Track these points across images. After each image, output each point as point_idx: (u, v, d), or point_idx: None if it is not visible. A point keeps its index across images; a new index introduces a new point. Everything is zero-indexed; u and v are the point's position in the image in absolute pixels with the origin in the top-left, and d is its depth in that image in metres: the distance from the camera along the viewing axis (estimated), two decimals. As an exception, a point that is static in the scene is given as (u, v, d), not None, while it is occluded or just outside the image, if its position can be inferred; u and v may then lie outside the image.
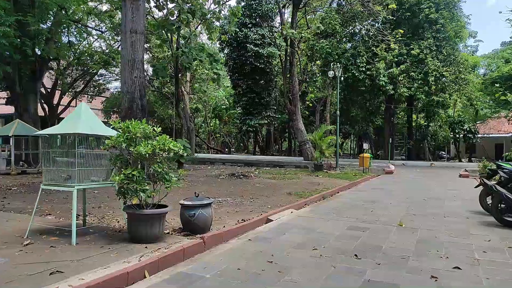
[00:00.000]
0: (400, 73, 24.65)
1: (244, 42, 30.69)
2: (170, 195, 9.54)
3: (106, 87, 41.20)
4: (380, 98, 30.40)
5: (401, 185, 13.44)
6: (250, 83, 31.63)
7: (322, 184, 12.94)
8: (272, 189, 11.45)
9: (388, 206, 8.66)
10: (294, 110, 22.39)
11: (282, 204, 8.59)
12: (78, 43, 29.12)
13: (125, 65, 12.63)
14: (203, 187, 11.62)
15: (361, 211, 7.92)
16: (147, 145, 4.66)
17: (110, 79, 41.71)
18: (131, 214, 4.79)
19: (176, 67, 20.14)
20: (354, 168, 19.81)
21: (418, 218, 7.21)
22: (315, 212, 7.72)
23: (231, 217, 6.98)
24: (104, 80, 40.09)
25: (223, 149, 44.64)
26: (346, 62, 25.31)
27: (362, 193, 11.19)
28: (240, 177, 14.77)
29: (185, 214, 5.53)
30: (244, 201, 8.94)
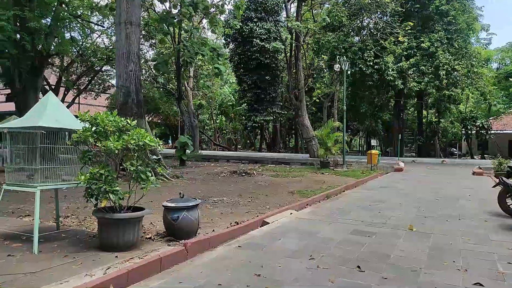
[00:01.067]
0: (409, 67, 23.77)
1: (249, 37, 30.01)
2: (164, 194, 8.99)
3: (111, 83, 40.96)
4: (389, 94, 29.52)
5: (411, 183, 12.72)
6: (256, 79, 30.95)
7: (327, 182, 12.28)
8: (273, 187, 10.84)
9: (397, 206, 7.98)
10: (299, 105, 21.70)
11: (282, 204, 7.98)
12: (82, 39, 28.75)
13: (120, 58, 12.07)
14: (201, 185, 11.06)
15: (367, 212, 7.26)
16: (116, 140, 4.06)
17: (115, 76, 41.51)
18: (100, 219, 4.22)
19: (178, 61, 19.57)
20: (362, 166, 19.09)
21: (430, 221, 6.54)
22: (317, 214, 7.08)
23: (224, 219, 6.39)
24: (108, 76, 39.85)
25: (229, 146, 44.09)
26: (353, 56, 24.50)
27: (369, 192, 10.51)
28: (242, 175, 14.19)
29: (168, 218, 4.95)
30: (241, 200, 8.34)
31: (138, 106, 12.16)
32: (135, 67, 12.11)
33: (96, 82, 38.30)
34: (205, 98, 37.38)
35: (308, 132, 21.34)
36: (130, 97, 11.99)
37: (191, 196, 8.91)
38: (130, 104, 11.97)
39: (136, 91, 12.10)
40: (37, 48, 20.08)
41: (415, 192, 10.48)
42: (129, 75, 11.99)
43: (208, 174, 14.58)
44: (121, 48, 12.05)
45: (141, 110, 12.27)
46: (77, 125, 4.53)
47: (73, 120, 4.66)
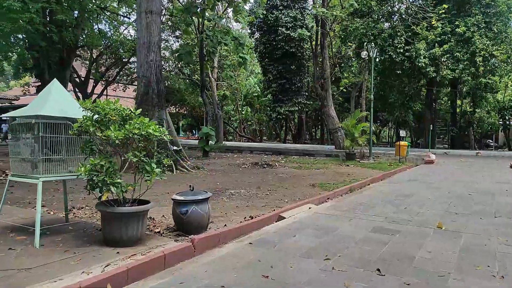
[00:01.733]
0: (443, 54, 22.52)
1: (274, 25, 29.39)
2: (183, 186, 8.83)
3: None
4: (420, 82, 28.23)
5: (442, 177, 12.02)
6: (281, 69, 30.36)
7: (352, 174, 11.80)
8: (294, 179, 10.49)
9: (426, 202, 7.45)
10: (325, 95, 21.09)
11: (302, 197, 7.63)
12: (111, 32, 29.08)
13: (141, 47, 11.98)
14: (221, 176, 10.86)
15: (392, 207, 6.80)
16: (117, 129, 3.83)
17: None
18: (102, 213, 4.03)
19: (201, 51, 19.37)
20: (390, 158, 18.35)
21: (461, 218, 6.01)
22: (338, 208, 6.69)
23: (239, 212, 6.12)
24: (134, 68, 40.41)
25: (254, 137, 43.86)
26: (382, 43, 23.49)
27: (396, 185, 9.96)
28: (263, 166, 13.90)
29: (177, 211, 4.73)
30: (259, 193, 8.05)
31: (159, 96, 12.05)
32: (156, 57, 11.99)
33: (124, 73, 39.00)
34: (230, 89, 37.17)
35: (333, 122, 20.74)
36: (151, 87, 11.90)
37: (209, 188, 8.75)
38: (151, 95, 11.88)
39: (157, 81, 11.99)
40: (65, 41, 20.44)
41: (446, 186, 9.84)
42: (149, 65, 11.88)
43: (229, 165, 14.39)
44: (141, 37, 11.95)
45: (161, 101, 12.16)
46: (81, 114, 4.35)
47: (79, 109, 4.48)
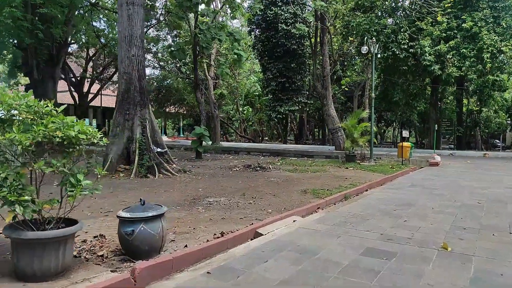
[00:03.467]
0: (448, 50, 21.48)
1: (273, 22, 28.45)
2: (159, 192, 7.99)
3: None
4: (425, 80, 27.18)
5: (447, 181, 11.07)
6: (281, 67, 29.39)
7: (350, 178, 10.91)
8: (286, 185, 9.61)
9: (428, 212, 6.54)
10: (325, 94, 20.16)
11: (289, 207, 6.76)
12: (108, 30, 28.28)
13: (122, 42, 11.15)
14: (205, 181, 10.01)
15: (390, 220, 5.90)
16: (24, 129, 2.97)
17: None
18: (11, 238, 3.17)
19: (194, 47, 18.55)
20: (392, 159, 17.40)
21: (471, 235, 5.10)
22: (326, 221, 5.80)
23: (210, 227, 5.27)
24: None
25: (254, 138, 42.95)
26: (385, 40, 22.48)
27: (397, 191, 9.04)
28: (256, 169, 13.02)
29: (121, 232, 3.86)
30: (242, 202, 7.19)
31: (142, 94, 11.22)
32: (138, 51, 11.16)
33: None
34: (229, 87, 36.27)
35: (333, 122, 19.81)
36: (133, 84, 11.07)
37: (187, 195, 7.88)
38: (132, 92, 11.05)
39: (139, 78, 11.16)
40: (54, 37, 19.69)
41: (451, 192, 8.91)
42: (131, 60, 11.06)
43: (220, 168, 13.53)
44: (122, 30, 11.13)
45: (145, 99, 11.33)
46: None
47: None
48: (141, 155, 10.74)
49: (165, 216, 4.16)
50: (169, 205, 6.84)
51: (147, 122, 11.14)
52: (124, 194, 7.90)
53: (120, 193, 7.97)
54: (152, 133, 11.62)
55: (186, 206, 6.78)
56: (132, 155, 10.87)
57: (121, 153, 10.95)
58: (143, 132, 11.06)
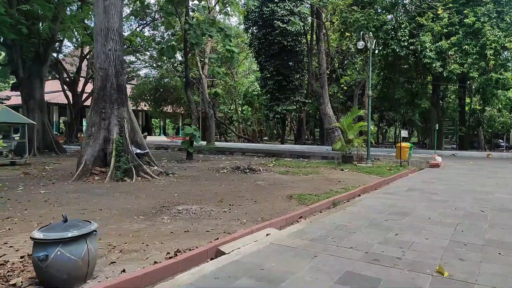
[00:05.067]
0: (450, 47, 20.64)
1: (270, 19, 27.67)
2: (130, 200, 7.22)
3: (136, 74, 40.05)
4: (426, 78, 26.33)
5: (448, 185, 10.26)
6: (277, 64, 28.59)
7: (343, 182, 10.13)
8: (272, 189, 8.85)
9: (425, 224, 5.74)
10: (321, 92, 19.38)
11: (268, 216, 6.01)
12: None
13: (98, 35, 10.41)
14: (185, 185, 9.25)
15: (379, 234, 5.11)
16: None
17: (140, 66, 40.62)
18: None
19: (185, 44, 17.79)
20: (391, 160, 16.60)
21: (472, 254, 4.31)
22: (305, 235, 5.01)
23: (168, 243, 4.52)
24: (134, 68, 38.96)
25: (253, 138, 42.18)
26: (385, 36, 21.66)
27: (392, 197, 8.25)
28: (245, 172, 12.24)
29: (34, 256, 3.10)
30: (215, 210, 6.42)
31: (119, 91, 10.47)
32: (115, 45, 10.41)
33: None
34: (226, 86, 35.53)
35: (330, 121, 19.03)
36: (109, 81, 10.33)
37: (158, 202, 7.03)
38: (109, 90, 10.31)
39: (116, 74, 10.42)
40: (40, 34, 18.98)
41: (452, 198, 8.10)
42: (107, 55, 10.32)
43: (208, 170, 12.77)
44: (98, 23, 10.40)
45: (122, 97, 10.57)
46: None
47: None
48: (118, 157, 9.99)
49: (95, 235, 3.39)
50: (133, 214, 6.11)
51: (125, 121, 10.40)
52: (89, 201, 7.15)
53: (85, 200, 7.22)
54: (131, 134, 10.89)
55: (150, 215, 6.02)
56: (109, 157, 10.12)
57: (97, 154, 10.20)
58: (120, 132, 10.31)
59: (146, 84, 37.11)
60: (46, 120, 20.29)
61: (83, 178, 9.71)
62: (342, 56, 32.93)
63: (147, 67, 41.17)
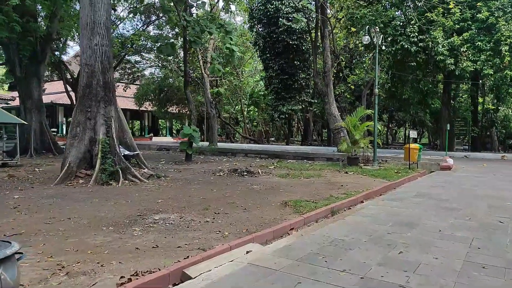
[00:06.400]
0: (462, 43, 19.69)
1: (275, 17, 26.94)
2: (104, 207, 6.57)
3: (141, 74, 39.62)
4: (437, 77, 25.31)
5: (460, 190, 9.42)
6: (282, 63, 27.84)
7: (346, 186, 9.37)
8: (267, 194, 8.14)
9: (434, 238, 4.97)
10: (326, 91, 18.58)
11: (253, 227, 5.32)
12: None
13: (83, 29, 9.80)
14: (174, 190, 8.57)
15: (379, 251, 4.35)
16: None
17: (146, 66, 40.17)
18: None
19: (185, 41, 17.16)
20: (399, 162, 15.72)
21: (492, 280, 3.53)
22: (292, 253, 4.28)
23: (128, 263, 3.83)
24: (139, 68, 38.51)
25: (259, 139, 41.42)
26: (393, 33, 20.77)
27: (398, 204, 7.46)
28: (242, 175, 11.53)
29: None
30: (197, 220, 5.73)
31: (106, 89, 9.85)
32: (102, 40, 9.79)
33: (125, 72, 37.15)
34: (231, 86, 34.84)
35: (335, 121, 18.20)
36: (95, 77, 9.71)
37: (138, 209, 6.32)
38: (95, 87, 9.70)
39: (103, 71, 9.80)
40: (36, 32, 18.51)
41: (465, 205, 7.28)
42: (93, 50, 9.70)
43: (204, 173, 12.08)
44: (84, 16, 9.80)
45: (109, 94, 9.94)
46: None
47: None
48: (104, 158, 9.35)
49: (19, 259, 2.71)
50: (103, 224, 5.44)
51: (112, 121, 9.77)
52: (62, 207, 6.51)
53: (58, 206, 6.58)
54: (120, 134, 10.27)
55: (122, 226, 5.34)
56: (95, 159, 9.49)
57: (82, 156, 9.59)
58: (107, 133, 9.68)
59: (149, 84, 36.60)
60: (44, 120, 19.82)
61: (67, 181, 9.10)
62: (350, 55, 32.04)
63: (152, 67, 40.74)
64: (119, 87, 36.51)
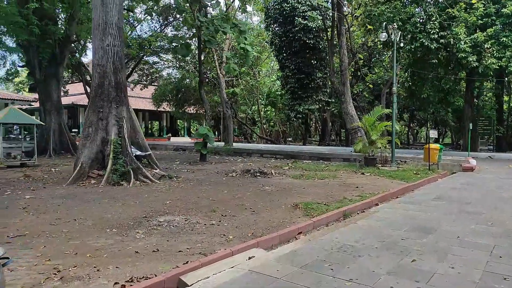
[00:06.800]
0: (486, 39, 18.92)
1: (291, 16, 26.62)
2: (117, 208, 6.49)
3: (160, 74, 40.00)
4: (459, 74, 24.43)
5: (483, 192, 8.95)
6: (299, 62, 27.48)
7: (361, 188, 9.05)
8: (279, 196, 7.93)
9: (453, 245, 4.64)
10: (342, 89, 18.20)
11: (260, 231, 5.13)
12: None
13: (95, 30, 9.82)
14: (184, 191, 8.46)
15: (391, 258, 4.08)
16: None
17: (164, 67, 40.51)
18: None
19: (199, 42, 17.12)
20: (419, 163, 15.19)
21: (515, 294, 3.22)
22: (297, 259, 4.05)
23: (125, 268, 3.71)
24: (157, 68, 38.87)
25: (277, 139, 41.14)
26: (413, 30, 20.15)
27: (415, 207, 7.11)
28: (255, 175, 11.33)
29: None
30: (203, 222, 5.57)
31: (118, 89, 9.83)
32: (114, 40, 9.79)
33: (143, 73, 37.60)
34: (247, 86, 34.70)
35: (352, 121, 17.79)
36: (107, 78, 9.71)
37: (144, 210, 6.14)
38: (107, 87, 9.70)
39: (115, 71, 9.79)
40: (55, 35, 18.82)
41: (487, 209, 6.88)
42: (105, 50, 9.71)
43: (217, 173, 11.94)
44: (96, 17, 9.82)
45: (121, 95, 9.93)
46: None
47: None
48: (115, 159, 9.34)
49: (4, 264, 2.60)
50: (108, 225, 5.34)
51: (124, 121, 9.74)
52: (70, 208, 6.48)
53: (67, 207, 6.56)
54: (132, 134, 10.25)
55: (126, 228, 5.23)
56: (107, 159, 9.49)
57: (94, 156, 9.61)
58: (119, 133, 9.67)
59: (167, 85, 36.88)
60: (63, 121, 20.13)
61: (79, 182, 9.12)
62: (369, 53, 31.38)
63: (170, 68, 41.04)
64: (137, 88, 37.12)
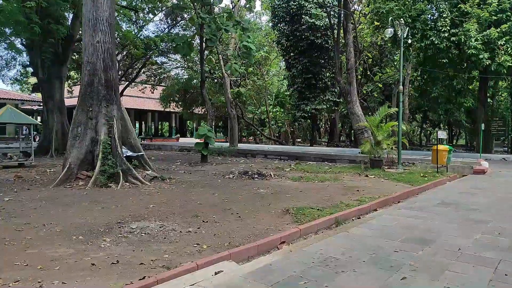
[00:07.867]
0: (500, 36, 18.09)
1: (298, 14, 26.11)
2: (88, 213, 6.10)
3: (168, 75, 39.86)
4: (472, 73, 23.54)
5: (494, 198, 8.31)
6: (306, 62, 26.92)
7: (362, 191, 8.51)
8: (272, 199, 7.47)
9: (451, 259, 4.10)
10: (348, 89, 17.62)
11: (239, 239, 4.69)
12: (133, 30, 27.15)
13: (85, 26, 9.50)
14: (172, 194, 8.04)
15: (379, 275, 3.57)
16: None
17: (171, 67, 40.38)
18: None
19: (201, 40, 16.75)
20: (428, 165, 14.51)
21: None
22: (271, 275, 3.57)
23: (73, 282, 3.27)
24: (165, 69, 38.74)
25: (285, 140, 40.59)
26: (422, 27, 19.44)
27: (416, 214, 6.54)
28: (253, 177, 10.87)
29: None
30: (179, 229, 5.15)
31: (108, 88, 9.48)
32: (105, 37, 9.45)
33: (151, 74, 37.51)
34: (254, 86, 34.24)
35: (359, 121, 17.18)
36: (97, 76, 9.37)
37: (122, 215, 5.67)
38: (96, 86, 9.36)
39: (105, 68, 9.44)
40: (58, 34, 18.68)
41: (497, 217, 6.28)
42: (95, 47, 9.37)
43: (214, 175, 11.51)
44: (86, 13, 9.51)
45: (112, 93, 9.57)
46: None
47: None
48: (104, 159, 8.98)
49: None
50: (76, 232, 4.93)
51: (114, 120, 9.39)
52: (46, 212, 6.12)
53: (42, 211, 6.21)
54: (124, 134, 9.90)
55: (94, 235, 4.83)
56: (96, 160, 9.14)
57: (83, 157, 9.27)
58: (109, 133, 9.31)
59: (174, 86, 36.72)
60: (65, 121, 20.00)
61: (66, 183, 8.79)
62: (380, 53, 30.61)
63: (178, 68, 40.87)
64: (147, 89, 37.06)
